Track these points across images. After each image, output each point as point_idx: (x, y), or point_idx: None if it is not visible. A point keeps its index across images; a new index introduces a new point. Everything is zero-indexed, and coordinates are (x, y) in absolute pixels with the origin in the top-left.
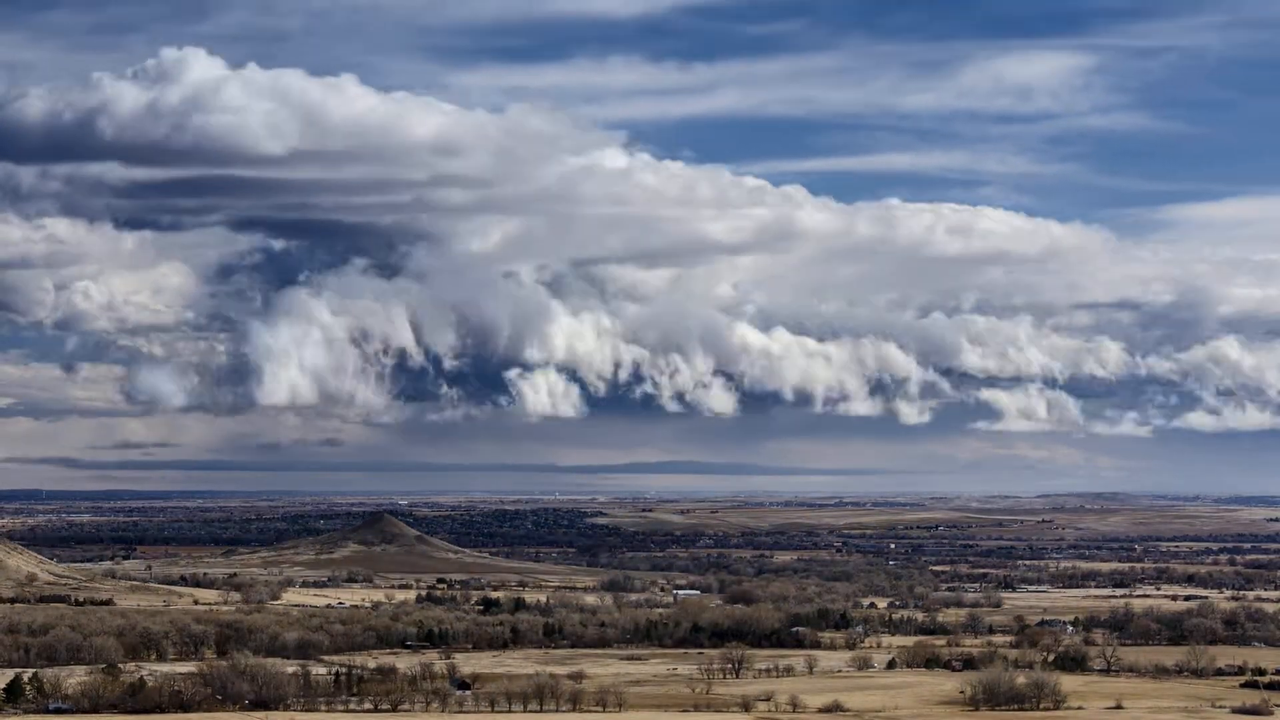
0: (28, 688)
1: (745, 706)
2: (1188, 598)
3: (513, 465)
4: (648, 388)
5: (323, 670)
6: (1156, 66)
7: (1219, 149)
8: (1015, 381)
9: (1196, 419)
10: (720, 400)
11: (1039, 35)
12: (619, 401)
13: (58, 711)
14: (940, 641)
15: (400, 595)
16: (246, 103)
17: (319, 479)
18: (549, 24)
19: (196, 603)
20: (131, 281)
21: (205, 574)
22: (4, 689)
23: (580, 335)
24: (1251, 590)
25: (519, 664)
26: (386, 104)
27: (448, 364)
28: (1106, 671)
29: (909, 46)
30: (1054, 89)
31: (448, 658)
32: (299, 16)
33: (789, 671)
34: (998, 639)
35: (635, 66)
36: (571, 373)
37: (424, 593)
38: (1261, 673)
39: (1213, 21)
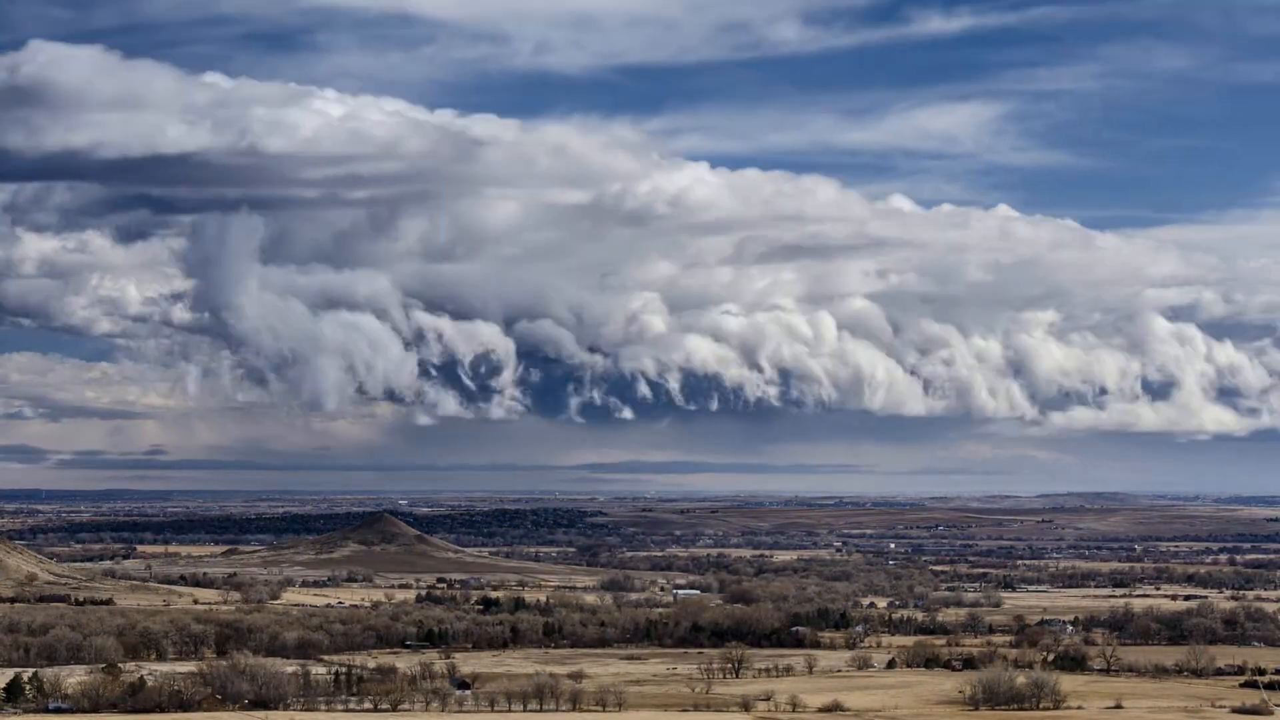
0: (28, 687)
1: (745, 706)
2: (1188, 597)
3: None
4: None
5: (323, 670)
6: (1056, 109)
7: (1133, 181)
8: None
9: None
10: None
11: (951, 84)
12: None
13: (58, 711)
14: (940, 641)
15: (400, 595)
16: None
17: (319, 479)
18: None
19: (196, 602)
20: None
21: (205, 573)
22: (4, 689)
23: None
24: (1251, 590)
25: (519, 664)
26: None
27: None
28: (1106, 671)
29: (838, 96)
30: (973, 133)
31: (448, 657)
32: None
33: (789, 671)
34: (998, 639)
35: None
36: None
37: (424, 592)
38: (1261, 672)
39: (1092, 70)
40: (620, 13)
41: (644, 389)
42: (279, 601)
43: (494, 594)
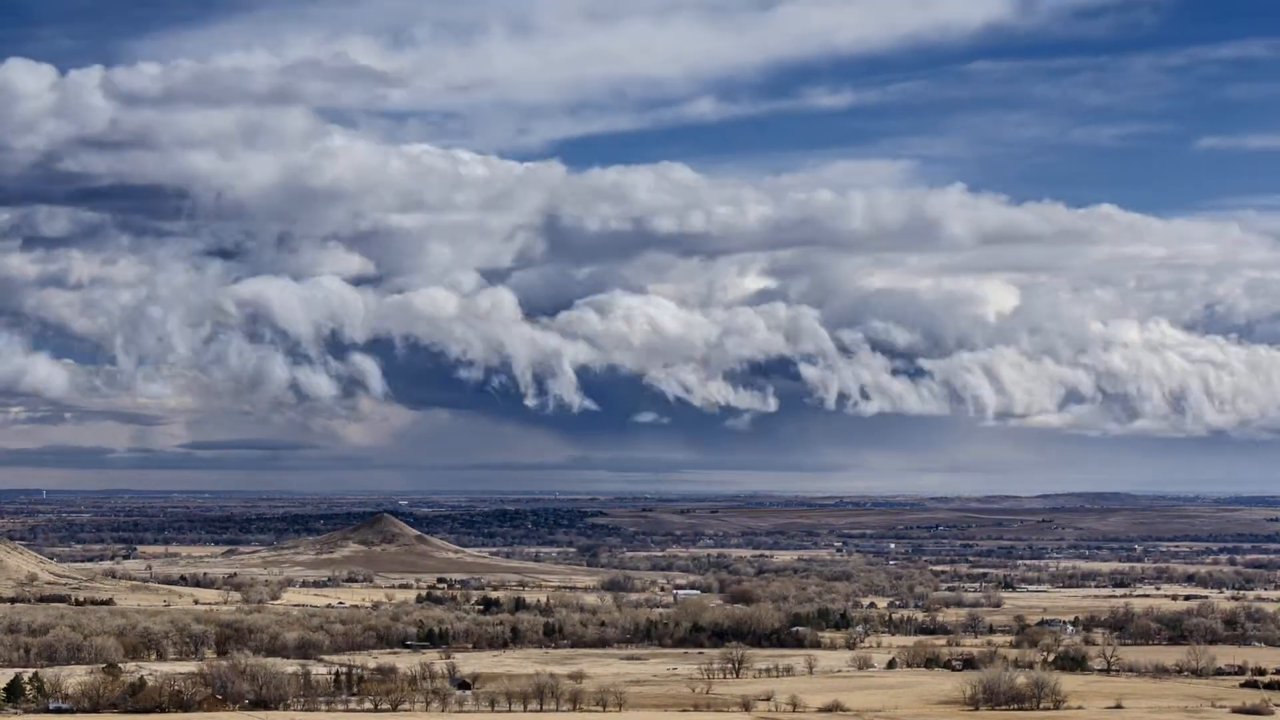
0: (28, 687)
1: (745, 706)
2: (1188, 597)
3: None
4: None
5: (323, 670)
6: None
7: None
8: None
9: None
10: None
11: (858, 145)
12: None
13: (58, 711)
14: (940, 641)
15: (400, 595)
16: None
17: (319, 479)
18: None
19: (196, 602)
20: None
21: (205, 574)
22: (4, 689)
23: None
24: (1251, 590)
25: (519, 664)
26: None
27: None
28: (1106, 671)
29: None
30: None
31: (448, 657)
32: None
33: (789, 671)
34: (998, 639)
35: None
36: None
37: (424, 592)
38: (1261, 672)
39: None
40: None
41: None
42: (279, 602)
43: (494, 594)
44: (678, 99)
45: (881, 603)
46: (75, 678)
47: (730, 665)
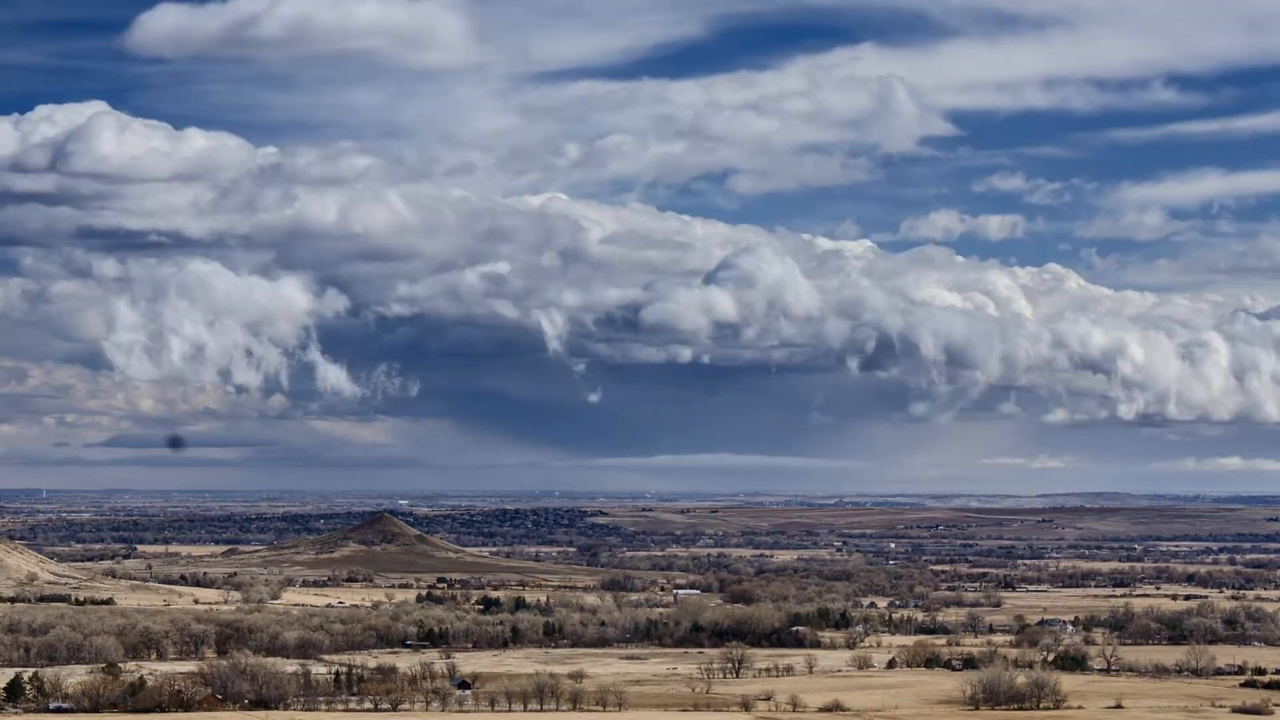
0: (28, 687)
1: (745, 706)
2: (1188, 597)
3: None
4: None
5: (323, 670)
6: None
7: None
8: None
9: None
10: None
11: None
12: None
13: (58, 711)
14: (940, 641)
15: (400, 595)
16: None
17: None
18: None
19: (197, 602)
20: None
21: (205, 573)
22: (4, 688)
23: None
24: (1251, 590)
25: (519, 663)
26: None
27: None
28: (1106, 671)
29: None
30: None
31: (448, 657)
32: None
33: (789, 671)
34: (998, 639)
35: None
36: None
37: (424, 592)
38: (1261, 672)
39: None
40: None
41: None
42: (279, 601)
43: (494, 594)
44: None
45: (881, 603)
46: (75, 677)
47: (730, 665)
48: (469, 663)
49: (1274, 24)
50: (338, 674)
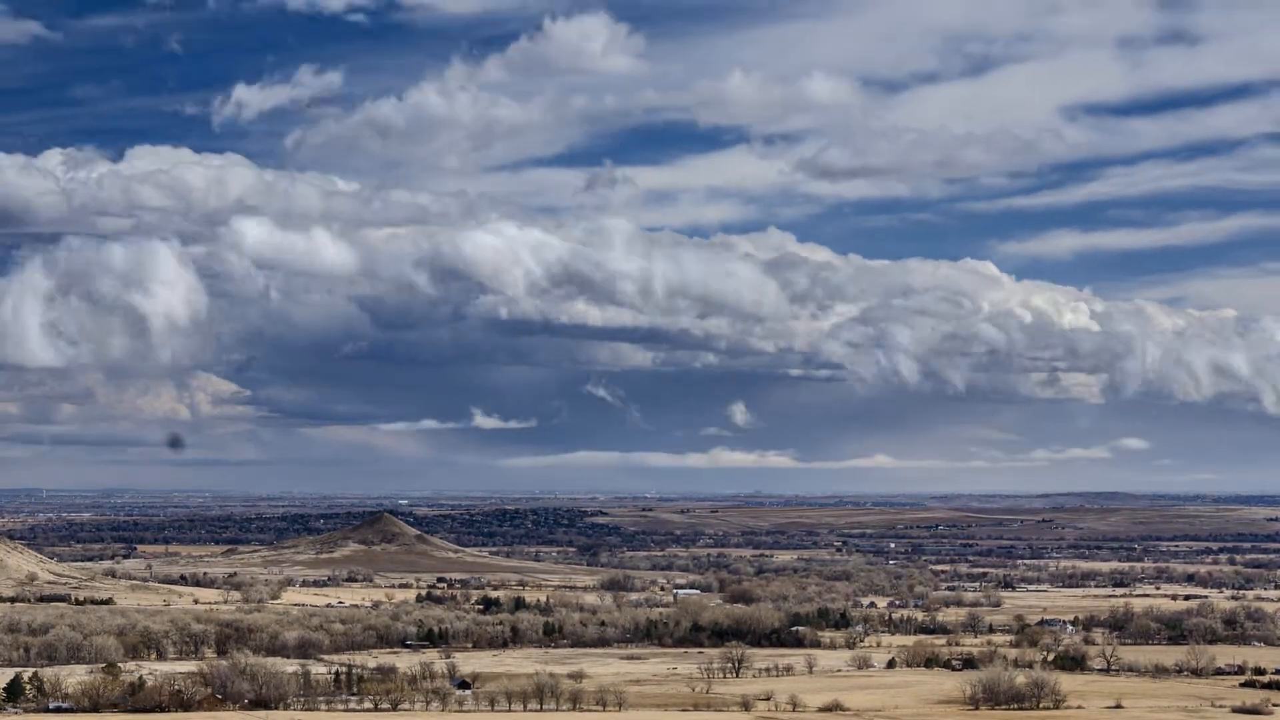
0: (28, 687)
1: (745, 706)
2: (1188, 597)
3: None
4: None
5: (323, 669)
6: None
7: None
8: None
9: None
10: None
11: None
12: None
13: (58, 711)
14: (940, 641)
15: (400, 594)
16: None
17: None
18: None
19: (197, 602)
20: None
21: (205, 573)
22: (4, 688)
23: None
24: (1251, 590)
25: (519, 663)
26: None
27: None
28: (1106, 671)
29: None
30: None
31: (448, 657)
32: None
33: (789, 671)
34: (998, 638)
35: None
36: None
37: (424, 592)
38: (1261, 672)
39: None
40: None
41: None
42: (279, 601)
43: (494, 594)
44: None
45: (881, 602)
46: (75, 677)
47: (730, 665)
48: (469, 663)
49: None
50: (337, 674)
